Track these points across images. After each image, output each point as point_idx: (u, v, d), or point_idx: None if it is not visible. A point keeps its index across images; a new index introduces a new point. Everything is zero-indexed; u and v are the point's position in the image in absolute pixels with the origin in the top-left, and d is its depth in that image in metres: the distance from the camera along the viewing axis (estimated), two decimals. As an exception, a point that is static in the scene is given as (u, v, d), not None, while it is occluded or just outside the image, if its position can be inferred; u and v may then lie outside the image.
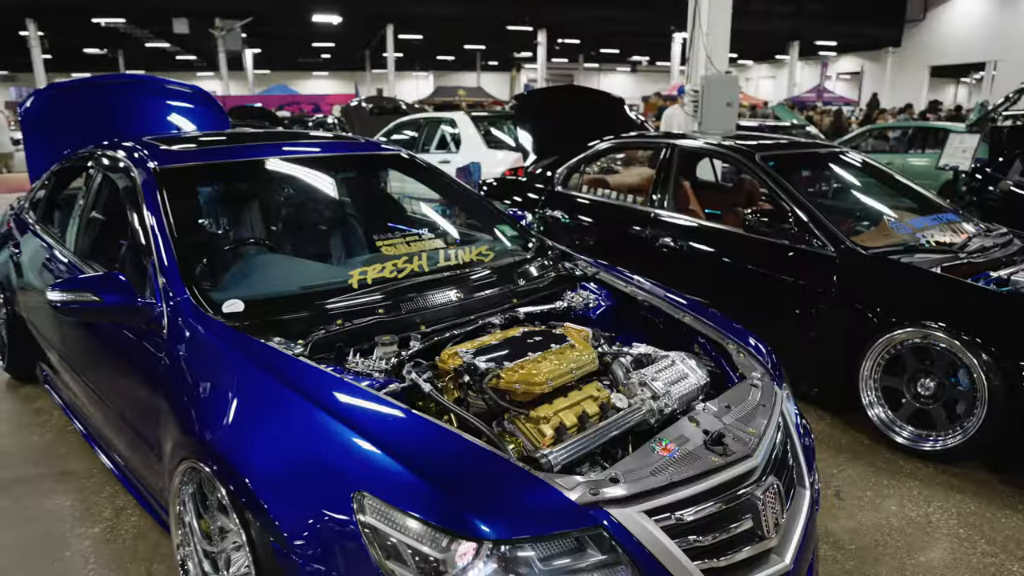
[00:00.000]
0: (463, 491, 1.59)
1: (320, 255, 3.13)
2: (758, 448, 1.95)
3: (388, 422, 1.76)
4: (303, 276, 2.47)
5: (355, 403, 1.80)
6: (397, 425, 1.75)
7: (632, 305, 2.85)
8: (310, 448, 1.70)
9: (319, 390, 1.83)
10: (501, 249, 3.02)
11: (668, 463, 1.80)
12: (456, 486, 1.60)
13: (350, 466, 1.64)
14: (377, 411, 1.79)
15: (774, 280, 3.79)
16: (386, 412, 1.78)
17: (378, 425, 1.73)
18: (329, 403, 1.77)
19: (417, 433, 1.73)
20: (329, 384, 1.86)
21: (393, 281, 2.48)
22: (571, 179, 5.38)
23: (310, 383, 1.85)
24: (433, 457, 1.67)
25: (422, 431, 1.73)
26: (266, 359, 1.94)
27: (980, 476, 3.17)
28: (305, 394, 1.80)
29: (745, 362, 2.43)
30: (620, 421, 2.04)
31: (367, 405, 1.80)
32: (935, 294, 3.29)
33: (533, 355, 2.14)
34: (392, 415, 1.78)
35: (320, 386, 1.85)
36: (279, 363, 1.93)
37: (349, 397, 1.82)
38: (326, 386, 1.85)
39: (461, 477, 1.63)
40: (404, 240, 2.78)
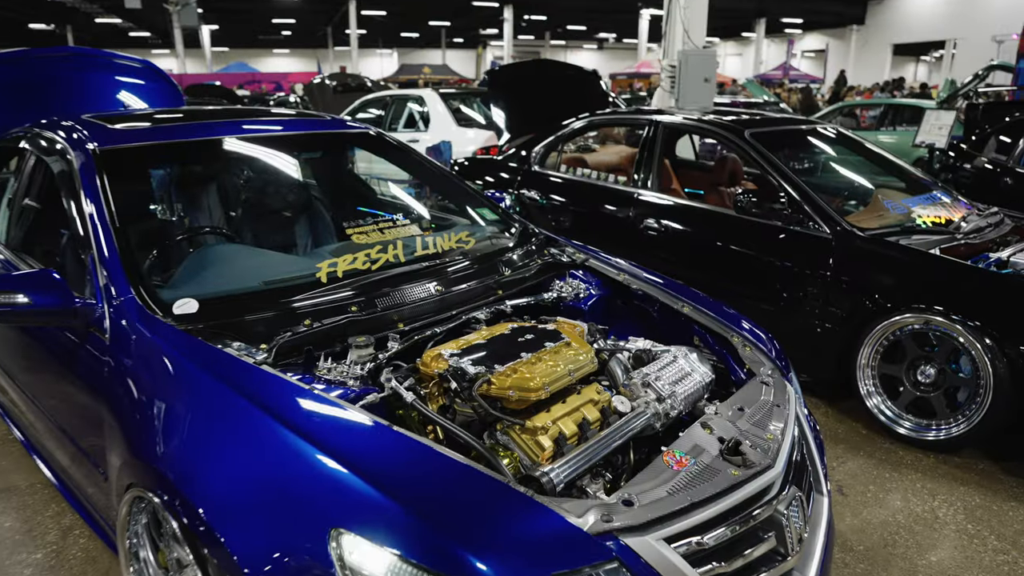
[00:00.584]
0: (456, 524, 1.37)
1: (284, 245, 2.86)
2: (778, 456, 1.77)
3: (365, 441, 1.53)
4: (265, 269, 2.21)
5: (326, 419, 1.57)
6: (376, 445, 1.52)
7: (625, 294, 2.66)
8: (275, 474, 1.47)
9: (285, 404, 1.59)
10: (482, 235, 2.79)
11: (685, 479, 1.60)
12: (447, 518, 1.38)
13: (321, 495, 1.41)
14: (352, 428, 1.56)
15: (765, 263, 3.63)
16: (363, 429, 1.55)
17: (354, 445, 1.50)
18: (296, 420, 1.54)
19: (400, 455, 1.51)
20: (296, 397, 1.62)
21: (366, 274, 2.23)
22: (548, 158, 5.15)
23: (274, 396, 1.61)
24: (420, 484, 1.45)
25: (406, 452, 1.51)
26: (223, 369, 1.69)
27: (982, 466, 3.06)
28: (269, 410, 1.56)
29: (751, 356, 2.25)
30: (624, 428, 1.84)
31: (340, 421, 1.57)
32: (937, 277, 3.15)
33: (526, 356, 1.93)
34: (370, 432, 1.55)
35: (286, 400, 1.61)
36: (238, 373, 1.68)
37: (319, 412, 1.59)
38: (293, 399, 1.61)
39: (453, 507, 1.41)
40: (376, 227, 2.53)
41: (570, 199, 4.77)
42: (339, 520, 1.36)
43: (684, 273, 2.89)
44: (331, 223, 2.96)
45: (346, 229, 2.47)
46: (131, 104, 4.42)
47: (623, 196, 4.40)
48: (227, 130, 2.75)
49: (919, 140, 7.49)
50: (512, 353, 1.95)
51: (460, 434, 1.68)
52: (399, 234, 2.54)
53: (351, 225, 2.50)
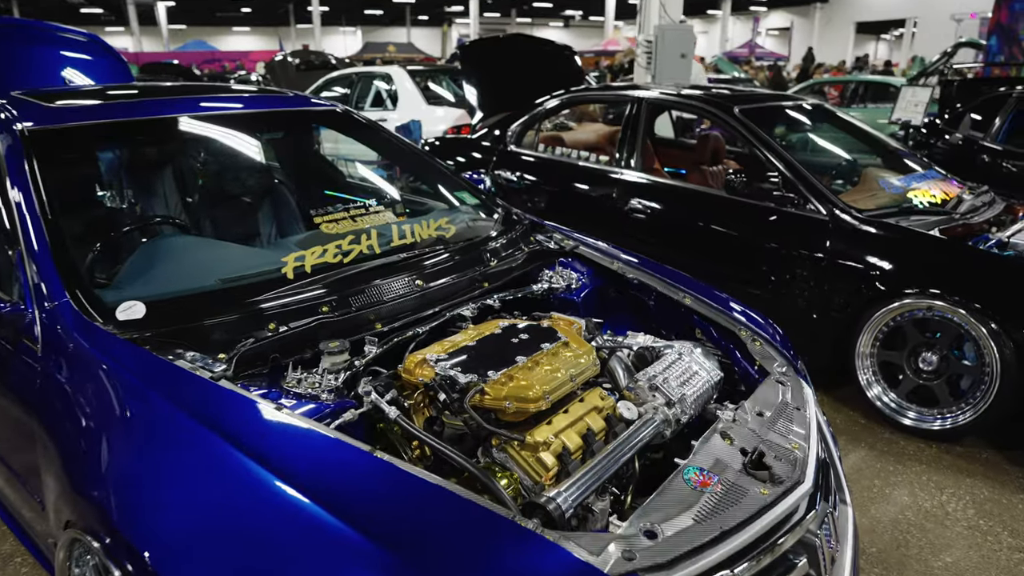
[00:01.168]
0: (449, 568, 1.17)
1: (245, 235, 2.59)
2: (807, 470, 1.59)
3: (341, 472, 1.31)
4: (223, 265, 1.96)
5: (296, 445, 1.35)
6: (354, 475, 1.31)
7: (619, 283, 2.46)
8: (235, 513, 1.24)
9: (247, 428, 1.36)
10: (463, 221, 2.56)
11: (711, 502, 1.41)
12: (439, 562, 1.17)
13: (289, 537, 1.19)
14: (326, 456, 1.33)
15: (757, 246, 3.46)
16: (338, 456, 1.33)
17: (328, 477, 1.28)
18: (260, 447, 1.31)
19: (382, 486, 1.29)
20: (260, 418, 1.39)
21: (338, 268, 2.00)
22: (524, 137, 4.91)
23: (234, 418, 1.38)
24: (405, 520, 1.24)
25: (389, 483, 1.29)
26: (174, 386, 1.45)
27: (985, 455, 2.95)
28: (228, 435, 1.32)
29: (761, 351, 2.07)
30: (632, 439, 1.65)
31: (312, 447, 1.35)
32: (940, 261, 3.01)
33: (521, 360, 1.72)
34: (347, 460, 1.33)
35: (248, 422, 1.38)
36: (192, 391, 1.44)
37: (288, 436, 1.36)
38: (256, 422, 1.38)
39: (445, 547, 1.20)
40: (347, 214, 2.29)
41: (549, 180, 4.55)
42: (310, 567, 1.15)
43: (671, 257, 2.71)
44: (297, 210, 2.70)
45: (314, 217, 2.22)
46: (75, 82, 4.07)
47: (606, 177, 4.19)
48: (181, 108, 2.47)
49: (895, 117, 7.40)
50: (505, 356, 1.74)
51: (453, 456, 1.46)
52: (373, 222, 2.31)
53: (319, 212, 2.25)
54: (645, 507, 1.39)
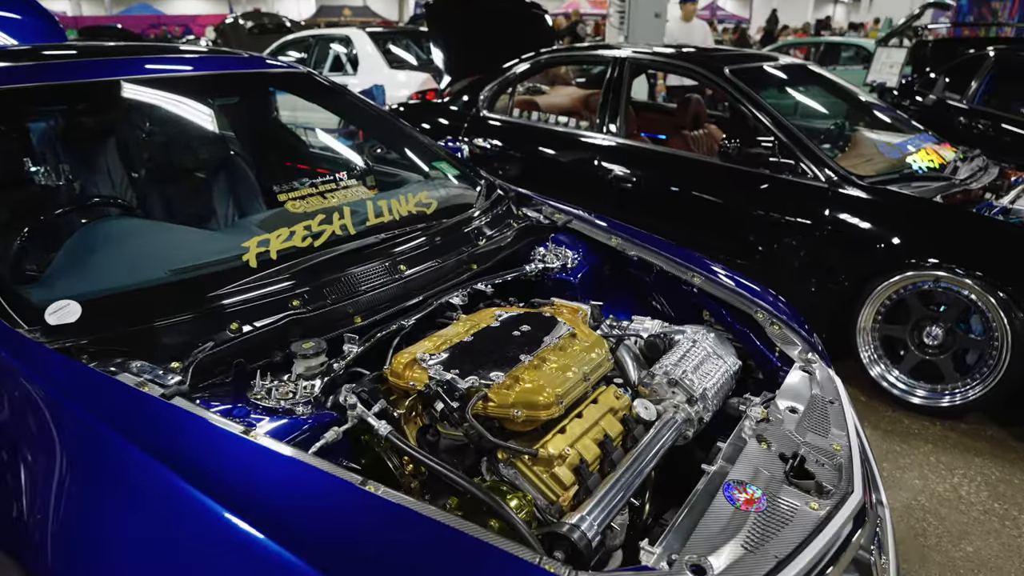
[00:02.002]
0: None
1: (199, 216, 2.29)
2: (854, 476, 1.41)
3: (328, 514, 1.07)
4: (175, 252, 1.68)
5: (267, 479, 1.11)
6: (343, 518, 1.07)
7: (617, 261, 2.25)
8: (192, 568, 1.00)
9: (208, 460, 1.11)
10: (444, 195, 2.31)
11: (759, 524, 1.22)
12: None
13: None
14: (305, 491, 1.10)
15: (752, 216, 3.27)
16: (321, 491, 1.10)
17: (309, 520, 1.05)
18: (223, 485, 1.07)
19: (382, 531, 1.06)
20: (225, 447, 1.14)
21: (308, 253, 1.73)
22: (497, 101, 4.63)
23: (192, 447, 1.14)
24: (409, 571, 1.02)
25: (390, 527, 1.07)
26: (116, 407, 1.19)
27: (990, 432, 2.85)
28: (182, 469, 1.07)
29: (781, 335, 1.88)
30: (653, 445, 1.46)
31: (287, 480, 1.11)
32: (945, 229, 2.87)
33: (526, 358, 1.50)
34: (333, 497, 1.09)
35: (210, 452, 1.13)
36: (139, 414, 1.19)
37: (257, 468, 1.12)
38: (220, 452, 1.13)
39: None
40: (315, 189, 2.02)
41: (526, 147, 4.30)
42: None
43: (657, 227, 2.51)
44: (257, 185, 2.40)
45: (277, 194, 1.94)
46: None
47: (588, 143, 3.95)
48: (124, 70, 2.15)
49: (871, 79, 7.27)
50: (507, 353, 1.52)
51: (459, 480, 1.24)
52: (344, 198, 2.04)
53: (283, 188, 1.98)
54: (686, 533, 1.20)
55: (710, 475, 1.40)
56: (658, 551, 1.17)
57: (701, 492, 1.34)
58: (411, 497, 1.23)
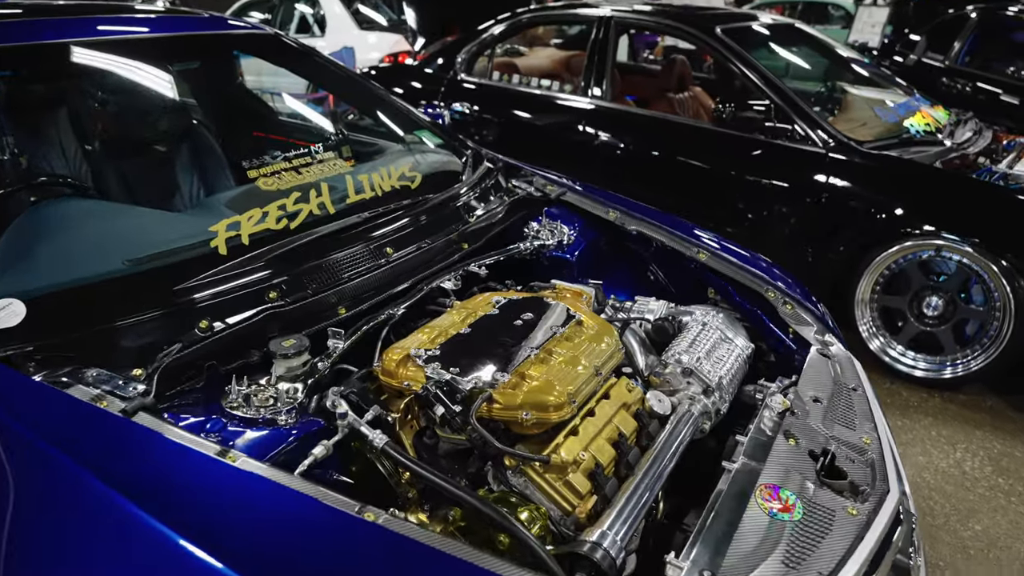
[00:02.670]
0: None
1: (160, 196, 2.08)
2: (887, 472, 1.31)
3: (324, 553, 0.93)
4: (133, 239, 1.50)
5: (253, 514, 0.96)
6: (344, 555, 0.94)
7: (615, 236, 2.11)
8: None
9: (178, 493, 0.96)
10: (428, 167, 2.13)
11: (796, 535, 1.11)
12: None
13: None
14: (297, 526, 0.95)
15: (747, 183, 3.15)
16: (315, 525, 0.96)
17: (304, 566, 0.91)
18: (198, 523, 0.92)
19: (385, 569, 0.93)
20: (197, 475, 0.99)
21: (284, 237, 1.56)
22: (476, 64, 4.41)
23: (158, 475, 0.98)
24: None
25: (394, 565, 0.93)
26: (68, 428, 1.03)
27: (989, 403, 2.80)
28: (149, 503, 0.92)
29: (794, 315, 1.77)
30: (671, 442, 1.34)
31: (275, 513, 0.97)
32: (946, 196, 2.78)
33: (531, 351, 1.36)
34: (328, 530, 0.95)
35: (179, 483, 0.98)
36: (94, 435, 1.03)
37: (239, 501, 0.97)
38: (191, 481, 0.98)
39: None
40: (289, 163, 1.83)
41: (507, 112, 4.10)
42: None
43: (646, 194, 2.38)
44: (224, 158, 2.20)
45: (247, 170, 1.76)
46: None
47: (572, 108, 3.78)
48: (74, 31, 1.93)
49: (852, 38, 7.15)
50: (510, 346, 1.38)
51: (467, 499, 1.11)
52: (321, 173, 1.86)
53: (253, 163, 1.79)
54: (715, 544, 1.09)
55: (732, 473, 1.29)
56: (686, 566, 1.06)
57: (725, 494, 1.23)
58: (413, 518, 1.11)
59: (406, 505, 1.25)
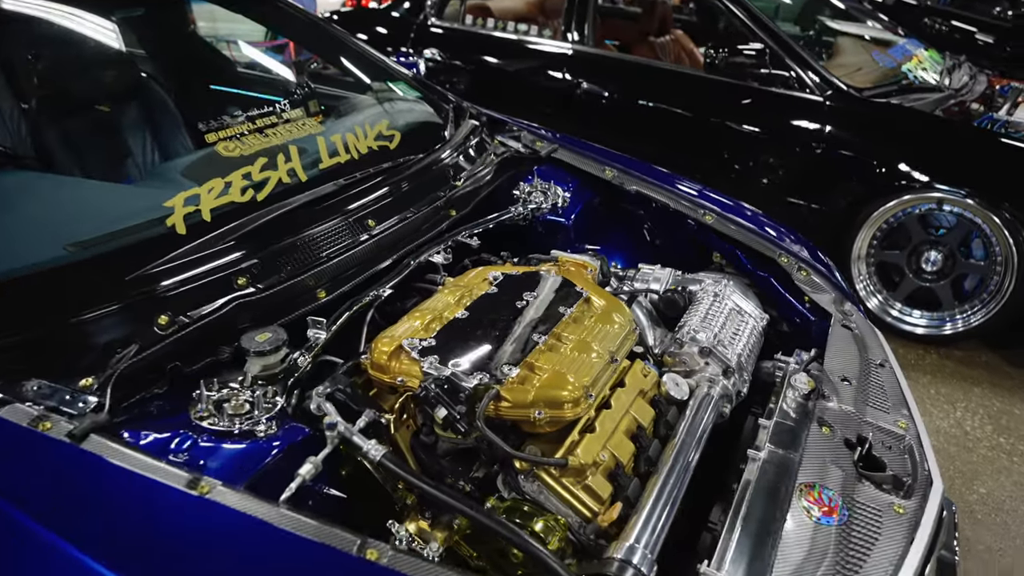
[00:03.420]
0: None
1: (108, 163, 1.84)
2: (928, 461, 1.21)
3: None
4: (74, 219, 1.30)
5: (229, 561, 0.81)
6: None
7: (612, 196, 1.96)
8: None
9: (142, 539, 0.81)
10: (407, 124, 1.94)
11: (843, 540, 1.00)
12: None
13: None
14: (287, 570, 0.81)
15: (741, 134, 2.99)
16: (308, 569, 0.81)
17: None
18: (161, 572, 0.77)
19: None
20: (164, 513, 0.84)
21: (251, 211, 1.37)
22: (447, 7, 4.14)
23: (116, 516, 0.83)
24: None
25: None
26: (3, 460, 0.87)
27: (985, 359, 2.75)
28: (105, 554, 0.77)
29: (809, 281, 1.65)
30: (693, 433, 1.22)
31: (259, 556, 0.82)
32: (950, 147, 2.67)
33: (539, 337, 1.22)
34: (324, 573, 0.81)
35: (142, 526, 0.82)
36: (36, 468, 0.86)
37: (215, 545, 0.82)
38: (157, 523, 0.83)
39: None
40: (252, 125, 1.62)
41: (483, 60, 3.87)
42: None
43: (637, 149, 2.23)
44: (179, 118, 1.97)
45: (204, 133, 1.55)
46: None
47: (551, 54, 3.56)
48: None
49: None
50: (514, 331, 1.23)
51: (477, 516, 0.97)
52: (289, 134, 1.65)
53: (211, 125, 1.58)
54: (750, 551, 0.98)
55: (759, 463, 1.18)
56: (720, 574, 0.95)
57: (755, 489, 1.12)
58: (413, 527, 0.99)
59: (404, 512, 1.11)
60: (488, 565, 1.07)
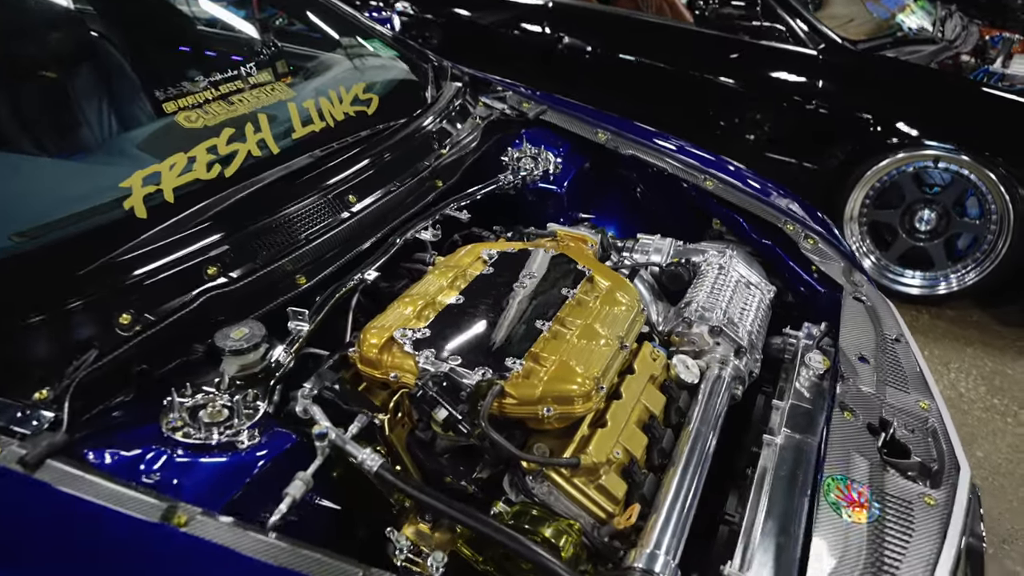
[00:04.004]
0: None
1: (57, 137, 1.66)
2: (953, 443, 1.15)
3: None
4: (20, 204, 1.16)
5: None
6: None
7: (604, 160, 1.85)
8: None
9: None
10: (385, 86, 1.80)
11: (875, 537, 0.94)
12: None
13: None
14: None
15: (729, 89, 2.88)
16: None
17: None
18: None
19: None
20: (137, 551, 0.74)
21: (219, 190, 1.24)
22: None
23: (79, 557, 0.73)
24: None
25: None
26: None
27: (975, 318, 2.72)
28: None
29: (816, 250, 1.57)
30: (707, 420, 1.15)
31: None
32: (947, 102, 2.59)
33: (543, 324, 1.12)
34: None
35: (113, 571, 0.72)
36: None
37: None
38: (130, 564, 0.73)
39: None
40: (216, 92, 1.48)
41: (457, 13, 3.68)
42: None
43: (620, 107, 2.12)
44: (137, 83, 1.78)
45: (163, 102, 1.40)
46: None
47: (533, 7, 3.39)
48: None
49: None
50: (515, 317, 1.13)
51: (482, 528, 0.89)
52: (257, 101, 1.51)
53: (169, 92, 1.43)
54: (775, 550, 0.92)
55: (776, 450, 1.12)
56: None
57: (773, 478, 1.06)
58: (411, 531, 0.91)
59: (402, 514, 1.03)
60: (493, 568, 1.00)
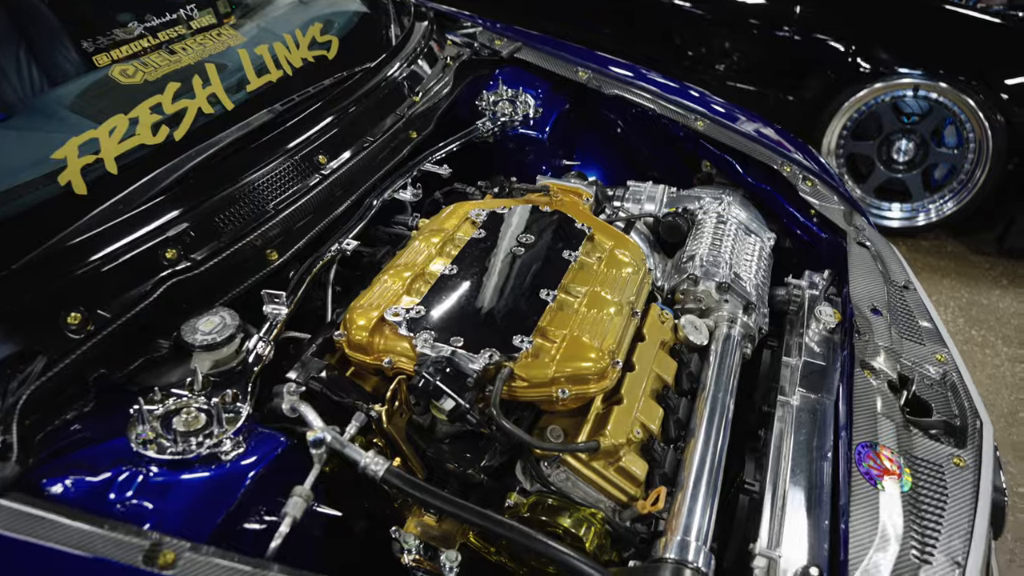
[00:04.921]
0: None
1: None
2: (973, 397, 1.11)
3: None
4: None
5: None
6: None
7: (582, 98, 1.73)
8: None
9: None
10: (344, 26, 1.62)
11: (910, 507, 0.89)
12: None
13: None
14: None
15: (695, 17, 2.74)
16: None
17: None
18: None
19: None
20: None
21: (170, 157, 1.08)
22: None
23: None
24: None
25: None
26: None
27: (951, 248, 2.72)
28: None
29: (814, 192, 1.50)
30: (722, 384, 1.08)
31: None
32: (926, 28, 2.51)
33: (547, 293, 1.02)
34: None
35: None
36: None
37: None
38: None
39: None
40: (154, 40, 1.30)
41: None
42: None
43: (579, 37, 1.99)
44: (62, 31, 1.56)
45: (92, 55, 1.22)
46: None
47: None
48: None
49: None
50: (516, 287, 1.03)
51: (497, 530, 0.81)
52: (203, 49, 1.33)
53: (99, 41, 1.25)
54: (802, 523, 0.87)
55: (792, 411, 1.06)
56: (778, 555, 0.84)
57: (793, 444, 1.01)
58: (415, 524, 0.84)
59: (404, 508, 0.95)
60: (506, 559, 0.93)
